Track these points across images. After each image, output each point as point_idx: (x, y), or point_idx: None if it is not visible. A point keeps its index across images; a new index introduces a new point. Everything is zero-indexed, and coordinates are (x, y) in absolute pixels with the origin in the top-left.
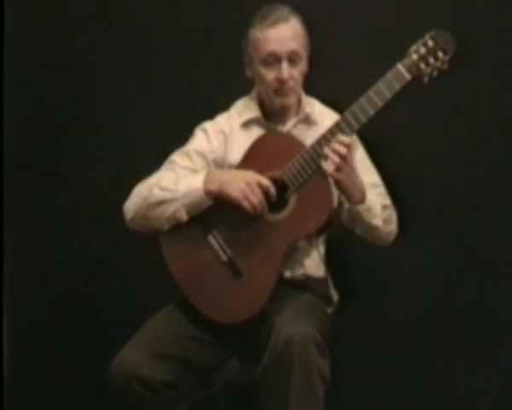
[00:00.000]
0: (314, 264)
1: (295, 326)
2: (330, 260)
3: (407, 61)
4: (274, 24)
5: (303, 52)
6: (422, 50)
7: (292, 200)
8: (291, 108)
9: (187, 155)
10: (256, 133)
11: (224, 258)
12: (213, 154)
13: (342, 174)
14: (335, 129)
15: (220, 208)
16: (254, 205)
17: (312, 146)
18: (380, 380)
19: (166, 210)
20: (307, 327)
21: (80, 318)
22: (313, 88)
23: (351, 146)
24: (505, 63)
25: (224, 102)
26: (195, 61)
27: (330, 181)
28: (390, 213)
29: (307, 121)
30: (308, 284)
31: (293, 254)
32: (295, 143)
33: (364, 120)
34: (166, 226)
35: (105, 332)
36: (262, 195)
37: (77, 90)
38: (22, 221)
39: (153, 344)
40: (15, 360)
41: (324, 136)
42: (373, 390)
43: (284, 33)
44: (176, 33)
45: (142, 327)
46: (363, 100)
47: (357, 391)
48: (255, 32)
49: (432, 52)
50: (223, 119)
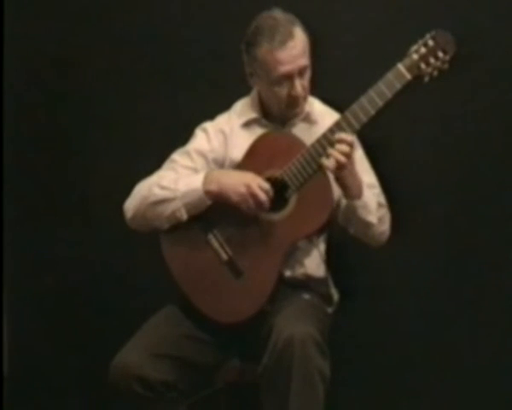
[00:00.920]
0: (314, 263)
1: (295, 326)
2: (330, 259)
3: (407, 61)
4: (282, 44)
5: (309, 60)
6: (423, 50)
7: (292, 199)
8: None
9: (187, 155)
10: (256, 132)
11: (225, 257)
12: (214, 153)
13: (344, 171)
14: (336, 128)
15: (221, 208)
16: (254, 209)
17: (313, 145)
18: (380, 380)
19: (166, 209)
20: (307, 327)
21: (80, 318)
22: (313, 88)
23: (353, 143)
24: (505, 63)
25: (224, 103)
26: (195, 61)
27: (331, 176)
28: (384, 212)
29: (307, 120)
30: (308, 284)
31: (293, 253)
32: (296, 143)
33: (365, 120)
34: (167, 225)
35: (105, 332)
36: (262, 197)
37: (77, 89)
38: (22, 221)
39: (153, 344)
40: (15, 360)
41: (325, 135)
42: (373, 390)
43: (293, 52)
44: (176, 33)
45: (142, 327)
46: (363, 99)
47: (357, 391)
48: (262, 53)
49: (432, 52)
50: (223, 119)
